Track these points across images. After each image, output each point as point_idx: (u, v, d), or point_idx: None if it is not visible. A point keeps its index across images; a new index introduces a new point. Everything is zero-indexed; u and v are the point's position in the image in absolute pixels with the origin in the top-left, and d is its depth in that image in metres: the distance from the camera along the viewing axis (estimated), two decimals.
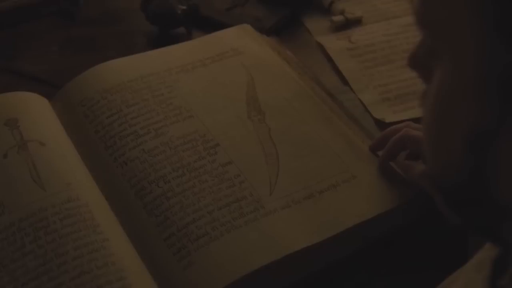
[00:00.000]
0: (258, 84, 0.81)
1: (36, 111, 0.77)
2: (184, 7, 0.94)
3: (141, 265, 0.63)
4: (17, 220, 0.64)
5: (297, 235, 0.64)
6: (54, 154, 0.71)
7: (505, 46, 0.35)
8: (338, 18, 0.97)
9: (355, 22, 0.97)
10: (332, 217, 0.66)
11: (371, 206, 0.67)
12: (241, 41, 0.88)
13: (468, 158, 0.40)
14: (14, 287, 0.59)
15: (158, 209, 0.66)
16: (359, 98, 0.85)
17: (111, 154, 0.72)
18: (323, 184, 0.69)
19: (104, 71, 0.81)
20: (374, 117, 0.83)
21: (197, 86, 0.80)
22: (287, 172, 0.70)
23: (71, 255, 0.61)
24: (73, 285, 0.59)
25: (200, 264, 0.61)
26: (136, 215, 0.66)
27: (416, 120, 0.73)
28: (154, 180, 0.68)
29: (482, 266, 0.47)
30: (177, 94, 0.78)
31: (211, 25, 0.95)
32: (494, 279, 0.45)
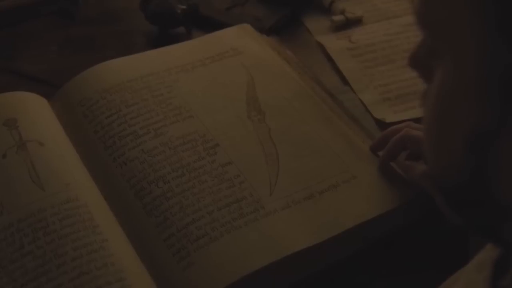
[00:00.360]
0: (258, 84, 0.81)
1: (35, 111, 0.76)
2: (184, 7, 0.94)
3: (141, 266, 0.62)
4: (16, 220, 0.64)
5: (297, 235, 0.64)
6: (53, 154, 0.71)
7: (506, 46, 0.35)
8: (338, 17, 0.97)
9: (356, 22, 0.97)
10: (333, 218, 0.66)
11: (371, 207, 0.67)
12: (241, 40, 0.88)
13: (469, 158, 0.40)
14: None
15: (158, 209, 0.66)
16: (360, 98, 0.85)
17: (110, 154, 0.72)
18: (323, 184, 0.69)
19: (103, 71, 0.81)
20: (374, 117, 0.82)
21: (196, 86, 0.80)
22: (287, 172, 0.70)
23: (70, 256, 0.61)
24: (72, 286, 0.59)
25: (200, 265, 0.61)
26: (136, 215, 0.66)
27: (416, 120, 0.73)
28: (153, 181, 0.68)
29: (483, 267, 0.46)
30: (177, 94, 0.78)
31: (211, 24, 0.94)
32: (495, 280, 0.45)
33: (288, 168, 0.70)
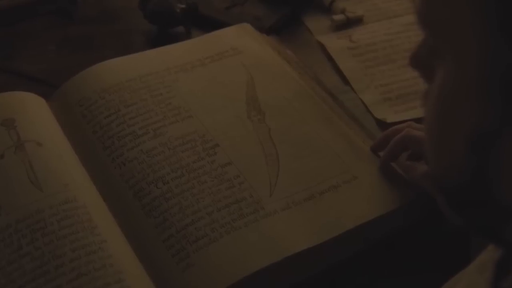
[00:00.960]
0: (258, 83, 0.80)
1: (33, 111, 0.76)
2: (183, 6, 0.93)
3: (140, 267, 0.62)
4: (14, 221, 0.64)
5: (298, 236, 0.63)
6: (51, 155, 0.71)
7: (508, 46, 0.35)
8: (339, 17, 0.96)
9: (356, 21, 0.97)
10: (333, 219, 0.65)
11: (372, 207, 0.67)
12: (240, 40, 0.87)
13: (470, 158, 0.39)
14: None
15: (157, 210, 0.65)
16: (360, 98, 0.85)
17: (109, 155, 0.71)
18: (324, 185, 0.68)
19: (102, 71, 0.80)
20: (375, 117, 0.82)
21: (196, 86, 0.80)
22: (287, 173, 0.70)
23: (69, 257, 0.61)
24: (70, 287, 0.58)
25: (199, 266, 0.61)
26: (135, 216, 0.66)
27: (418, 120, 0.73)
28: (152, 181, 0.68)
29: (484, 268, 0.46)
30: (176, 94, 0.78)
31: (210, 24, 0.94)
32: (497, 281, 0.45)
33: (288, 169, 0.70)
